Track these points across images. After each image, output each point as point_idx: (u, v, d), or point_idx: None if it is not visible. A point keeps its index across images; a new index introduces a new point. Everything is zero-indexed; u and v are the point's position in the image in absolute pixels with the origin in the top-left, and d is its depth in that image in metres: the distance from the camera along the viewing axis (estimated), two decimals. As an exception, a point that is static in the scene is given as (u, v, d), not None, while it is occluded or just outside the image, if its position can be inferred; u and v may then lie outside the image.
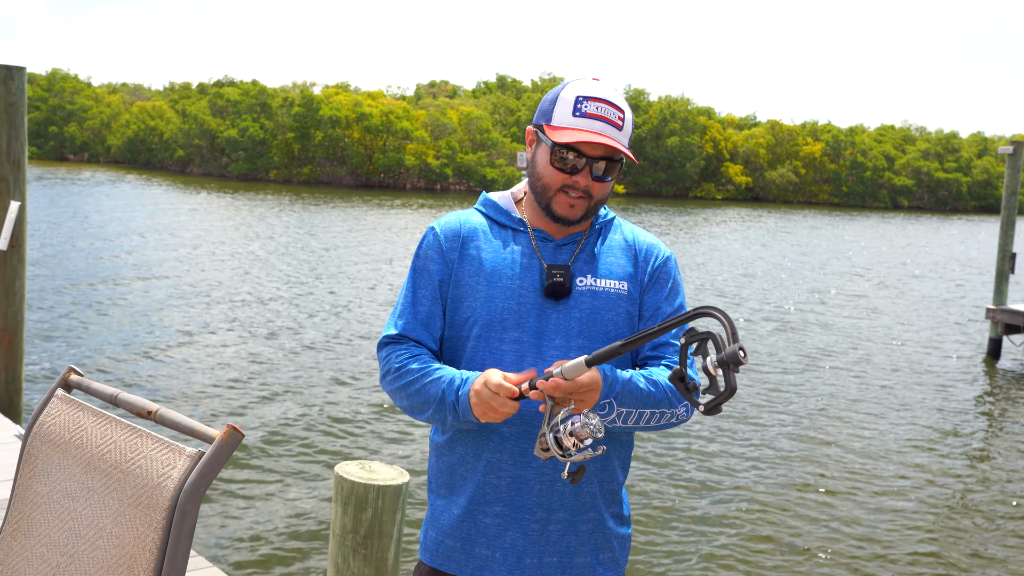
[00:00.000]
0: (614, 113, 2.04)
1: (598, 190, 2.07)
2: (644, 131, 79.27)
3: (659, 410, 2.02)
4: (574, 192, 2.05)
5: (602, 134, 2.01)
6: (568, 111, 2.04)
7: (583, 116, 2.02)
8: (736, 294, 21.68)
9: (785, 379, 12.95)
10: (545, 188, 2.08)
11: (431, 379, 2.04)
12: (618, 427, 2.01)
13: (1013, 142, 15.50)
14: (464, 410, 1.97)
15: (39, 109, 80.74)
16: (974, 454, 9.96)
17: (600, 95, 2.05)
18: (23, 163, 6.53)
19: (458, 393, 1.99)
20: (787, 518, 7.67)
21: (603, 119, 2.02)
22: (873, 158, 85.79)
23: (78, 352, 12.18)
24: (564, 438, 1.79)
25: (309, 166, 70.90)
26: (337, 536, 2.62)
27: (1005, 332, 15.24)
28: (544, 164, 2.07)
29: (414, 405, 2.08)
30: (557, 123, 2.05)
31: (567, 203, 2.06)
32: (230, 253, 23.92)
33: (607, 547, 2.15)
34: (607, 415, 1.96)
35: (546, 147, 2.07)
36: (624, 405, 1.98)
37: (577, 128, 2.03)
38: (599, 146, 2.03)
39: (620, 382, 1.96)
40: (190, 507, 1.54)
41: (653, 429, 2.07)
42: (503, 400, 1.88)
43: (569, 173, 2.04)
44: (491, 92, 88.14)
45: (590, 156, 2.03)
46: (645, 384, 2.01)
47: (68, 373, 1.90)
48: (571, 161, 2.03)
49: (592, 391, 1.89)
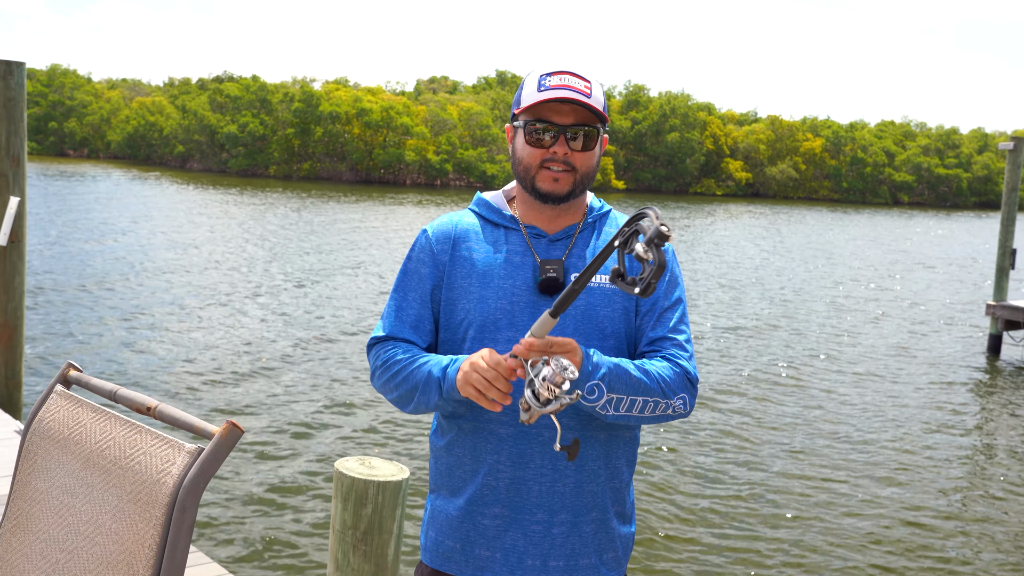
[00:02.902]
0: (579, 83, 2.03)
1: (580, 161, 2.05)
2: (644, 127, 79.21)
3: (652, 399, 1.98)
4: (556, 166, 2.04)
5: (568, 94, 2.00)
6: (533, 90, 2.05)
7: (547, 89, 2.02)
8: (736, 290, 21.68)
9: (785, 375, 12.95)
10: (526, 169, 2.07)
11: (417, 365, 2.03)
12: (611, 415, 1.96)
13: (1013, 138, 15.49)
14: (449, 387, 1.94)
15: (39, 105, 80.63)
16: (974, 450, 9.96)
17: (563, 69, 2.05)
18: (23, 159, 6.52)
19: (445, 370, 1.97)
20: (786, 514, 7.68)
21: (567, 87, 2.02)
22: (873, 154, 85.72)
23: (77, 348, 12.18)
24: (540, 389, 1.75)
25: (309, 162, 70.84)
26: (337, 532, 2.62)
27: (1005, 328, 15.25)
28: (521, 145, 2.07)
29: (403, 394, 2.06)
30: (524, 103, 2.06)
31: (550, 177, 2.05)
32: (230, 249, 23.91)
33: (611, 547, 2.13)
34: (597, 399, 1.92)
35: (520, 129, 2.07)
36: (614, 391, 1.93)
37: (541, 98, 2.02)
38: (569, 113, 2.02)
39: (606, 364, 1.93)
40: (189, 503, 1.54)
41: (649, 421, 2.02)
42: (497, 375, 1.83)
43: (545, 147, 2.03)
44: (491, 88, 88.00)
45: (561, 125, 2.02)
46: (635, 371, 1.97)
47: (67, 369, 1.89)
48: (545, 137, 2.03)
49: (569, 351, 1.85)
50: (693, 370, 2.06)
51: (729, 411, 10.80)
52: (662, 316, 2.10)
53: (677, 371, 2.02)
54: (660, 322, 2.09)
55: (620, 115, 79.41)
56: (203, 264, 20.85)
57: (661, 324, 2.09)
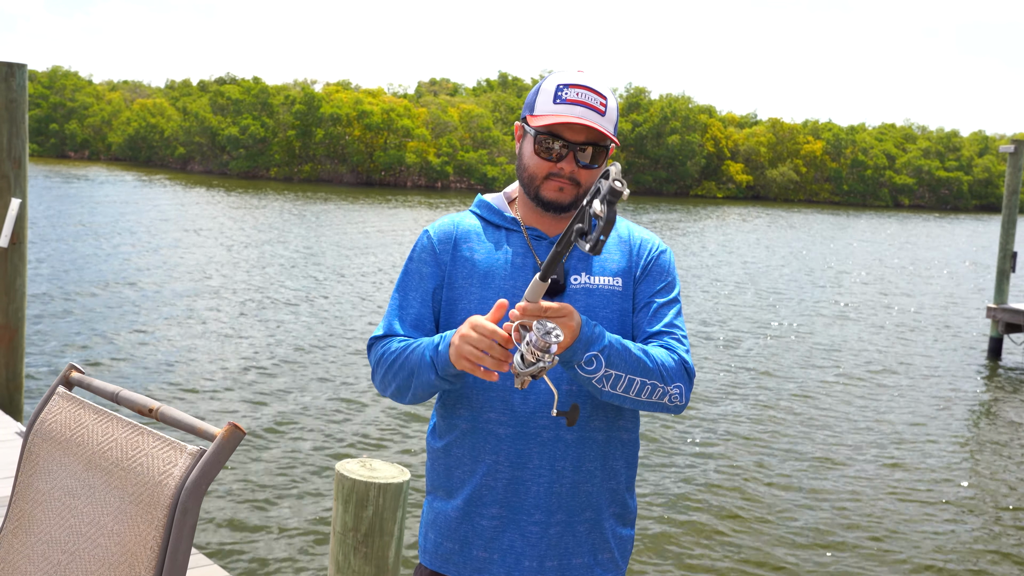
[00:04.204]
0: (595, 99, 2.03)
1: (585, 177, 2.05)
2: (645, 129, 79.25)
3: (650, 381, 1.96)
4: (560, 179, 2.05)
5: (582, 118, 2.01)
6: (549, 99, 2.05)
7: (563, 103, 2.02)
8: (736, 292, 21.68)
9: (786, 377, 12.95)
10: (531, 177, 2.08)
11: (411, 350, 2.02)
12: (606, 392, 1.95)
13: (1014, 141, 15.49)
14: (443, 362, 1.92)
15: (40, 106, 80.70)
16: (975, 453, 9.96)
17: (580, 82, 2.04)
18: (24, 160, 6.52)
19: (437, 348, 1.95)
20: (785, 515, 7.67)
21: (583, 104, 2.02)
22: (874, 156, 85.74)
23: (79, 350, 12.18)
24: (526, 353, 1.74)
25: (310, 164, 70.89)
26: (338, 534, 2.62)
27: (1006, 331, 15.25)
28: (529, 154, 2.08)
29: (400, 383, 2.05)
30: (539, 112, 2.06)
31: (555, 187, 2.05)
32: (231, 251, 23.92)
33: (605, 548, 2.12)
34: (594, 371, 1.91)
35: (530, 137, 2.07)
36: (613, 366, 1.92)
37: (557, 114, 2.02)
38: (581, 131, 2.02)
39: (608, 337, 1.92)
40: (191, 505, 1.54)
41: (644, 406, 2.00)
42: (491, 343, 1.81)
43: (554, 161, 2.04)
44: (492, 90, 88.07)
45: (573, 142, 2.03)
46: (637, 350, 1.96)
47: (69, 370, 1.90)
48: (555, 149, 2.03)
49: (564, 315, 1.84)
50: (691, 363, 2.07)
51: (728, 411, 10.80)
52: (658, 312, 2.10)
53: (676, 359, 2.02)
54: (656, 317, 2.10)
55: (621, 118, 79.30)
56: (204, 266, 20.86)
57: (657, 319, 2.10)
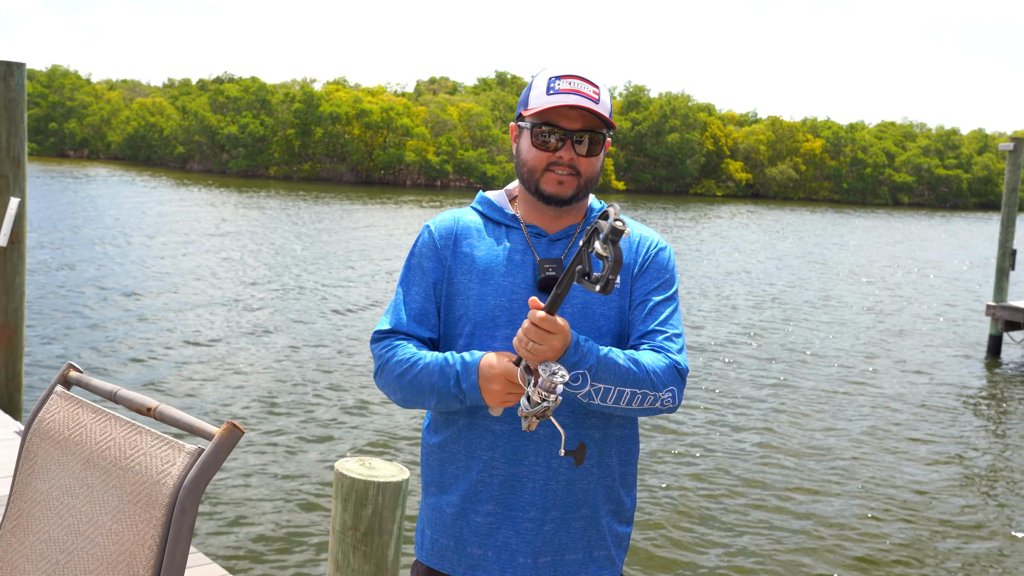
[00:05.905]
0: (588, 88, 2.04)
1: (585, 166, 2.06)
2: (644, 128, 79.20)
3: (640, 391, 1.96)
4: (560, 169, 2.05)
5: (577, 101, 2.01)
6: (542, 93, 2.06)
7: (556, 93, 2.03)
8: (735, 291, 21.68)
9: (785, 375, 12.95)
10: (531, 171, 2.08)
11: (420, 369, 2.04)
12: (596, 404, 1.96)
13: (1013, 139, 15.49)
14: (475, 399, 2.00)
15: (39, 105, 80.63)
16: (974, 451, 9.96)
17: (572, 73, 2.06)
18: (23, 159, 6.52)
19: (462, 387, 1.99)
20: (785, 513, 7.68)
21: (576, 92, 2.03)
22: (873, 155, 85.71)
23: (77, 349, 12.18)
24: (533, 394, 1.79)
25: (309, 163, 70.84)
26: (337, 533, 2.62)
27: (1005, 329, 15.25)
28: (527, 147, 2.08)
29: (409, 398, 2.08)
30: (532, 105, 2.07)
31: (555, 180, 2.06)
32: (230, 250, 23.92)
33: (601, 545, 2.12)
34: (580, 387, 1.92)
35: (527, 131, 2.08)
36: (600, 380, 1.93)
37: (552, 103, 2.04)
38: (577, 118, 2.03)
39: (594, 354, 1.93)
40: (190, 504, 1.54)
41: (636, 413, 2.01)
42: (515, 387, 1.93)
43: (552, 151, 2.04)
44: (491, 89, 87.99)
45: (569, 129, 2.03)
46: (625, 361, 1.96)
47: (67, 369, 1.89)
48: (551, 141, 2.04)
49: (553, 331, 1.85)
50: (684, 362, 2.06)
51: (727, 410, 10.80)
52: (654, 309, 2.10)
53: (667, 363, 2.02)
54: (651, 315, 2.10)
55: (620, 116, 79.34)
56: (203, 265, 20.86)
57: (652, 317, 2.10)
